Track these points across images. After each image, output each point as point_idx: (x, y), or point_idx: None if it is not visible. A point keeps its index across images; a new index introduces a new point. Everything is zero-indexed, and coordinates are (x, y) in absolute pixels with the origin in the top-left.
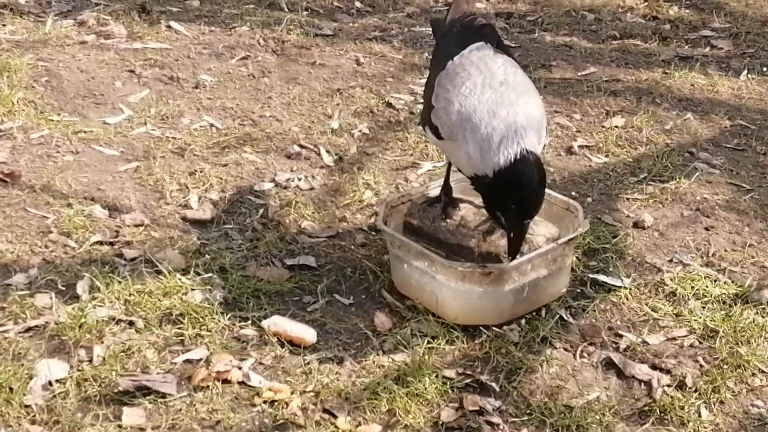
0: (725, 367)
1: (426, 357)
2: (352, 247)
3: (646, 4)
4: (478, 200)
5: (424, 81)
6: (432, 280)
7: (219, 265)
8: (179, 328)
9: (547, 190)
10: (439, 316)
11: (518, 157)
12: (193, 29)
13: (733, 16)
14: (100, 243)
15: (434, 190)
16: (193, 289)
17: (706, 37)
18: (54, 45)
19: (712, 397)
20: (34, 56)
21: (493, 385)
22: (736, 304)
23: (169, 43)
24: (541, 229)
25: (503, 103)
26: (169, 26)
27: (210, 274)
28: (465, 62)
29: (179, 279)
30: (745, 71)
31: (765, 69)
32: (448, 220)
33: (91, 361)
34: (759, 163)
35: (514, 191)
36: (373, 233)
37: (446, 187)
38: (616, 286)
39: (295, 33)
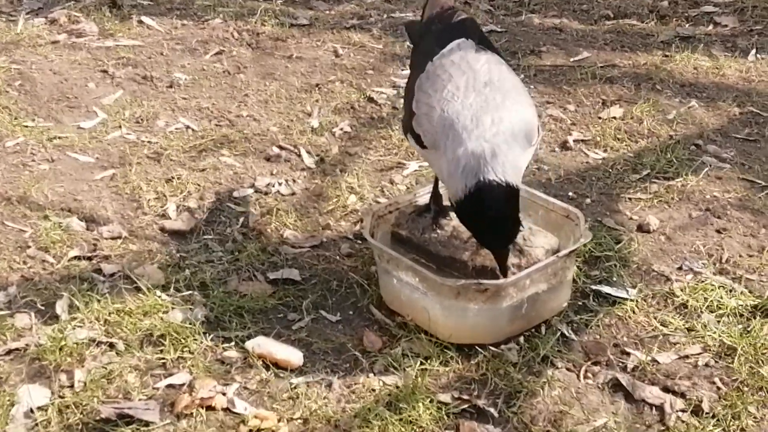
0: (745, 389)
1: (419, 380)
2: (337, 257)
3: None
4: None
5: (406, 72)
6: (423, 296)
7: (199, 280)
8: (161, 351)
9: (545, 196)
10: (432, 334)
11: (472, 191)
12: (165, 23)
13: None
14: (78, 258)
15: (423, 198)
16: (173, 307)
17: (708, 13)
18: (26, 46)
19: (732, 424)
20: (6, 58)
21: (492, 410)
22: (755, 318)
23: (141, 39)
24: (539, 240)
25: (488, 107)
26: (140, 21)
27: (190, 291)
28: (446, 63)
29: (159, 296)
30: (754, 50)
31: None
32: (438, 231)
33: (72, 386)
34: None
35: (472, 225)
36: (359, 242)
37: (435, 195)
38: (622, 298)
39: (270, 24)
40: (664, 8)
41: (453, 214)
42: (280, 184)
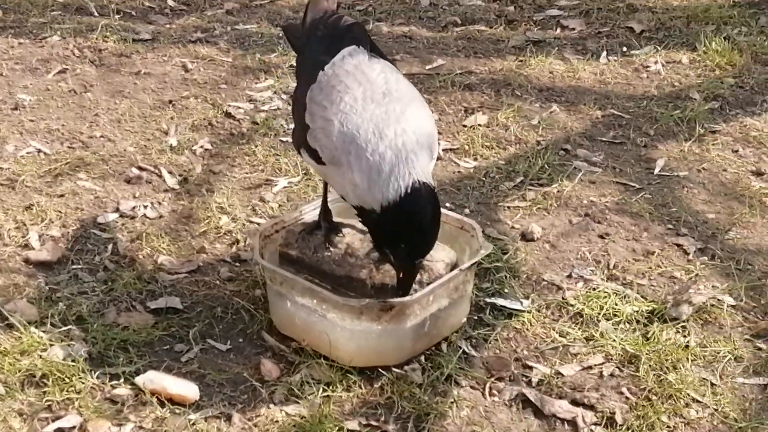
0: (654, 398)
1: (324, 408)
2: (218, 282)
3: None
4: (360, 224)
5: (260, 86)
6: (322, 319)
7: (75, 313)
8: (44, 392)
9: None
10: (332, 359)
11: (409, 191)
12: (1, 42)
13: None
14: None
15: (309, 215)
16: (52, 344)
17: (554, 17)
18: None
19: None
20: None
21: None
22: (652, 323)
23: None
24: (439, 255)
25: (389, 119)
26: None
27: (68, 326)
28: (339, 72)
29: (35, 333)
30: (604, 53)
31: (625, 49)
32: (332, 249)
33: None
34: (642, 157)
35: (403, 229)
36: (238, 264)
37: (325, 211)
38: (517, 310)
39: (111, 40)
40: (511, 13)
41: (346, 230)
42: (145, 207)
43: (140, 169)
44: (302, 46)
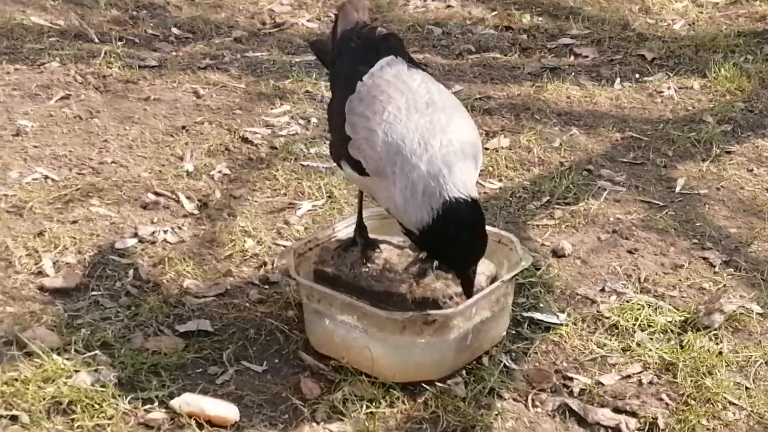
0: (693, 403)
1: (368, 425)
2: (248, 304)
3: (495, 14)
4: (398, 239)
5: (276, 111)
6: (363, 334)
7: (100, 339)
8: (73, 419)
9: None
10: (373, 375)
11: (441, 212)
12: None
13: (590, 21)
14: None
15: (343, 232)
16: (77, 371)
17: (567, 45)
18: None
19: None
20: None
21: None
22: (686, 332)
23: None
24: (479, 267)
25: (435, 129)
26: None
27: (93, 352)
28: (379, 82)
29: (57, 360)
30: (618, 79)
31: (638, 76)
32: (369, 265)
33: None
34: (662, 177)
35: (447, 246)
36: (267, 286)
37: (360, 227)
38: (554, 323)
39: (116, 66)
40: (525, 41)
41: (383, 246)
42: (165, 232)
43: (156, 194)
44: (334, 59)
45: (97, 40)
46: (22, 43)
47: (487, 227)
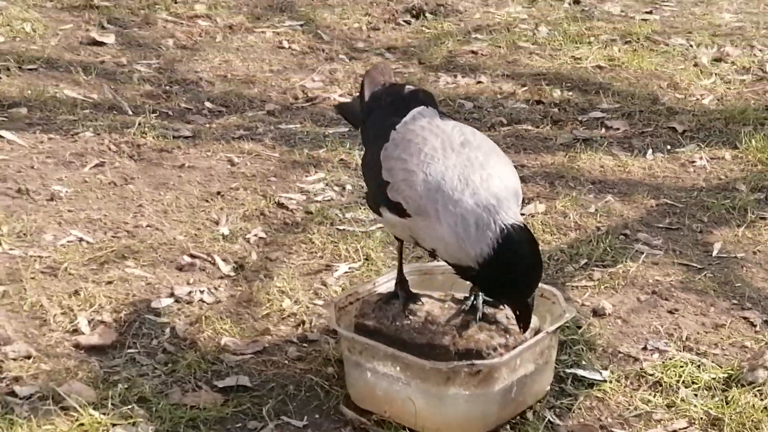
0: None
1: None
2: (287, 362)
3: (525, 89)
4: (439, 293)
5: (311, 179)
6: (406, 386)
7: (137, 394)
8: None
9: None
10: (416, 429)
11: (501, 240)
12: (28, 138)
13: (620, 95)
14: None
15: (384, 286)
16: (114, 425)
17: (597, 118)
18: None
19: None
20: None
21: None
22: (730, 388)
23: (4, 153)
24: None
25: (473, 166)
26: (0, 136)
27: (130, 406)
28: (413, 128)
29: (94, 414)
30: (650, 150)
31: (669, 147)
32: (411, 318)
33: None
34: (699, 241)
35: (508, 277)
36: (306, 344)
37: (402, 281)
38: (597, 380)
39: (150, 136)
40: (556, 114)
41: (425, 299)
42: (201, 292)
43: (192, 256)
44: (364, 117)
45: (130, 112)
46: (56, 115)
47: None
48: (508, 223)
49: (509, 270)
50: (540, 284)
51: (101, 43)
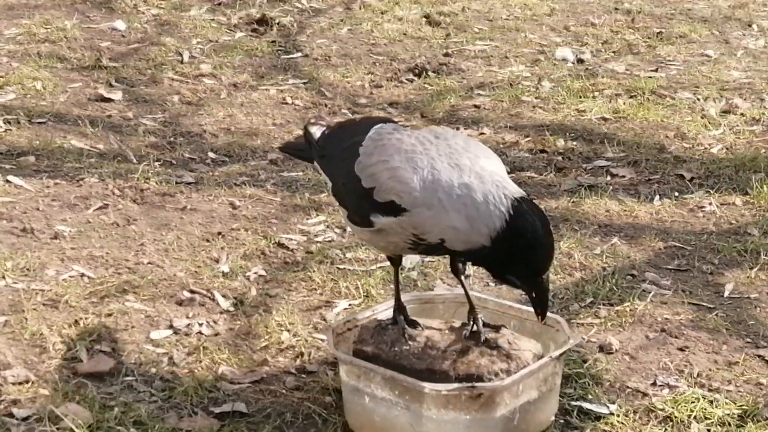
0: None
1: None
2: (284, 391)
3: (529, 139)
4: (438, 321)
5: (312, 221)
6: (405, 411)
7: (133, 418)
8: None
9: (517, 305)
10: None
11: (512, 212)
12: (35, 183)
13: (626, 145)
14: None
15: (383, 314)
16: None
17: (602, 166)
18: None
19: None
20: None
21: None
22: (745, 424)
23: (11, 197)
24: (525, 344)
25: (457, 152)
26: (8, 180)
27: (126, 428)
28: (382, 136)
29: None
30: (657, 196)
31: (677, 194)
32: (411, 343)
33: None
34: (710, 282)
35: (520, 251)
36: (304, 375)
37: (400, 308)
38: (604, 413)
39: (153, 181)
40: (560, 162)
41: (424, 325)
42: (200, 324)
43: (192, 292)
44: (323, 151)
45: (135, 161)
46: (63, 163)
47: (531, 309)
48: (515, 197)
49: (523, 241)
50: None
51: (109, 99)
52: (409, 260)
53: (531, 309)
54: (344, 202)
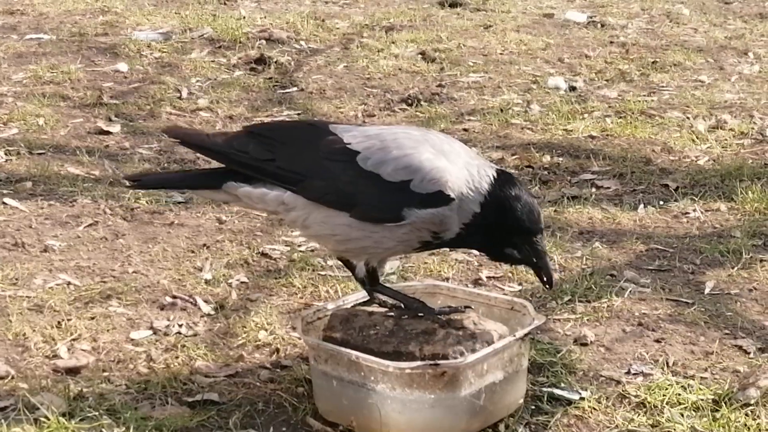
0: None
1: None
2: (258, 383)
3: (516, 156)
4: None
5: (297, 233)
6: (371, 392)
7: (107, 406)
8: None
9: (484, 292)
10: None
11: (496, 174)
12: (29, 205)
13: (611, 159)
14: None
15: (352, 304)
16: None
17: (588, 180)
18: None
19: None
20: None
21: None
22: (720, 408)
23: (5, 216)
24: (490, 326)
25: (439, 138)
26: (4, 203)
27: (99, 414)
28: (371, 132)
29: (64, 423)
30: (642, 205)
31: (662, 202)
32: (378, 328)
33: None
34: (690, 281)
35: (511, 213)
36: (279, 369)
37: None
38: (575, 399)
39: (144, 200)
40: (545, 175)
41: (396, 311)
42: (180, 326)
43: (174, 297)
44: (261, 157)
45: (128, 184)
46: (58, 187)
47: (499, 295)
48: (495, 167)
49: (510, 204)
50: (510, 297)
51: (107, 132)
52: (389, 265)
53: (499, 295)
54: (348, 201)
